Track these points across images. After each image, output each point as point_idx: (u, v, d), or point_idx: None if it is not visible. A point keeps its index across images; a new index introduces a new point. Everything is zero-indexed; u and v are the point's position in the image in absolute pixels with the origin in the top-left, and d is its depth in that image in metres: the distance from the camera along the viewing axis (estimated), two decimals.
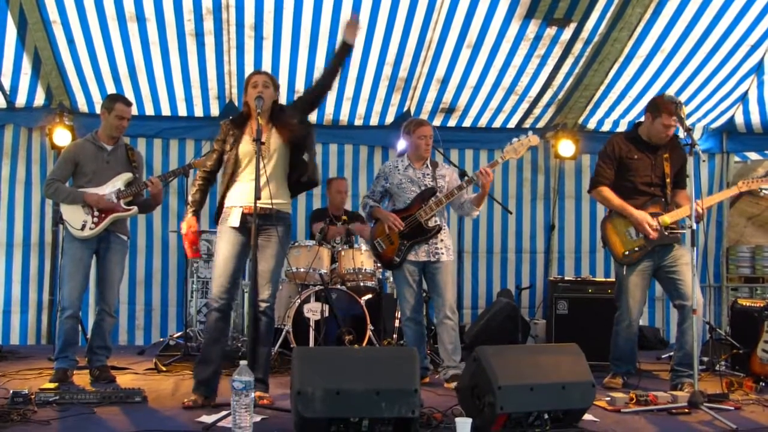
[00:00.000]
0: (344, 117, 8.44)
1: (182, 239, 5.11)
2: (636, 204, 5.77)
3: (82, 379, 5.79)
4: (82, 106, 7.93)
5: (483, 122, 8.67)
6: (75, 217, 5.75)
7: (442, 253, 5.94)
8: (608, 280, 6.97)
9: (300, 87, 7.80)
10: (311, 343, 6.53)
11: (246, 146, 4.95)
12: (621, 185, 5.88)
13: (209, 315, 4.96)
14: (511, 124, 8.72)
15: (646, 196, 5.80)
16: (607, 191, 5.90)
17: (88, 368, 5.91)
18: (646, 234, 5.68)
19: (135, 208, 5.97)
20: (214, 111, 8.15)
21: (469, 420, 3.94)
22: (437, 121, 8.43)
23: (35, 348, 7.72)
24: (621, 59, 7.57)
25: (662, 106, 5.64)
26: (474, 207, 6.07)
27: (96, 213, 5.77)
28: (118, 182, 5.89)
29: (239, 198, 4.97)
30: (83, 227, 5.74)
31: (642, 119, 5.92)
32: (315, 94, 5.27)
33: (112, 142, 5.95)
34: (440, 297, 5.90)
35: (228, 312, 5.01)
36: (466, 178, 5.99)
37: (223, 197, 5.02)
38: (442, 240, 5.97)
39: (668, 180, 5.82)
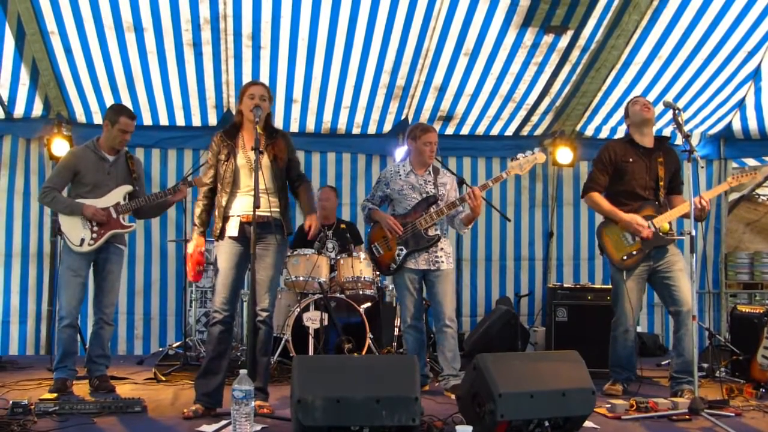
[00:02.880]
0: (342, 125, 8.45)
1: (186, 260, 5.06)
2: (632, 208, 5.80)
3: (81, 389, 5.78)
4: (80, 116, 7.93)
5: (481, 130, 8.68)
6: (74, 232, 5.71)
7: (442, 261, 5.93)
8: (607, 287, 6.95)
9: (297, 96, 7.82)
10: (311, 352, 6.53)
11: (243, 158, 4.96)
12: (617, 190, 5.91)
13: (212, 328, 4.93)
14: (509, 132, 8.73)
15: (641, 200, 5.82)
16: (597, 197, 5.93)
17: (87, 378, 5.89)
18: (638, 233, 5.70)
19: (134, 225, 5.96)
20: (212, 120, 8.15)
21: (470, 428, 3.93)
22: None
23: (34, 358, 7.70)
24: (618, 66, 7.59)
25: (628, 102, 5.97)
26: (463, 225, 6.07)
27: (95, 229, 5.73)
28: (118, 195, 5.84)
29: (238, 208, 4.98)
30: (82, 243, 5.71)
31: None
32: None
33: (114, 152, 5.90)
34: (440, 305, 5.89)
35: (231, 324, 4.99)
36: (458, 197, 5.97)
37: (225, 208, 4.99)
38: (442, 248, 5.96)
39: (662, 183, 5.85)
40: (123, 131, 5.84)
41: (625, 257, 5.78)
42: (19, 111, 7.84)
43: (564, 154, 8.53)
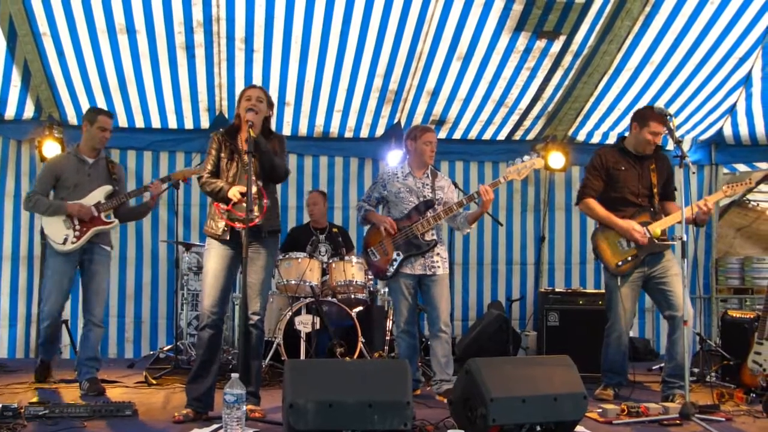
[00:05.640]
0: (334, 129, 8.44)
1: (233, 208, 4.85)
2: (625, 215, 5.81)
3: (72, 392, 5.77)
4: (72, 118, 7.88)
5: (473, 134, 8.69)
6: (56, 231, 5.83)
7: (438, 267, 5.94)
8: (598, 291, 6.98)
9: (290, 99, 7.82)
10: (302, 356, 6.52)
11: (242, 163, 4.96)
12: (609, 197, 5.92)
13: (202, 332, 4.90)
14: (501, 136, 8.74)
15: (635, 207, 5.84)
16: (593, 203, 5.94)
17: (77, 381, 5.91)
18: (635, 241, 5.71)
19: (116, 221, 6.06)
20: (204, 123, 8.14)
21: None
22: None
23: (24, 361, 7.66)
24: (610, 72, 7.61)
25: (649, 115, 5.75)
26: (467, 224, 6.07)
27: (77, 227, 5.84)
28: (99, 195, 5.96)
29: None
30: (65, 241, 5.81)
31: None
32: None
33: (94, 154, 6.04)
34: (435, 310, 5.90)
35: (220, 327, 4.98)
36: (467, 195, 5.97)
37: (219, 209, 4.97)
38: (438, 253, 5.97)
39: (655, 190, 5.86)
40: (102, 129, 5.98)
41: (620, 263, 5.79)
42: (10, 113, 7.80)
43: (556, 159, 8.53)
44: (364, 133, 8.54)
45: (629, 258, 5.77)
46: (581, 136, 8.73)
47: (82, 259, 5.95)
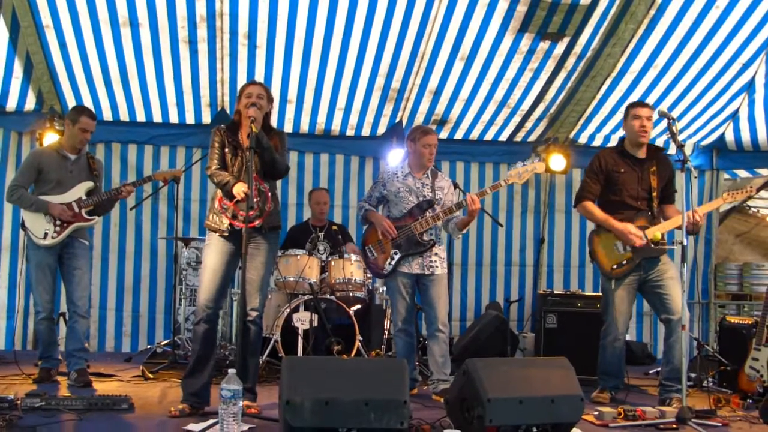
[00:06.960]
0: (336, 127, 8.43)
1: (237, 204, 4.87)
2: (623, 218, 5.79)
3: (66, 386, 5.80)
4: None
5: (475, 135, 8.68)
6: (37, 225, 5.93)
7: (437, 266, 5.93)
8: (597, 294, 6.96)
9: (292, 96, 7.81)
10: (300, 353, 6.51)
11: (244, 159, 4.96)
12: (608, 199, 5.91)
13: (197, 327, 4.91)
14: (503, 137, 8.74)
15: (633, 210, 5.82)
16: (590, 205, 5.94)
17: (66, 373, 5.98)
18: (630, 243, 5.70)
19: (96, 218, 6.17)
20: (206, 118, 8.13)
21: None
22: None
23: (21, 353, 7.61)
24: (613, 74, 7.60)
25: (632, 103, 5.88)
26: (458, 229, 6.06)
27: (58, 222, 5.93)
28: (80, 191, 6.06)
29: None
30: (45, 236, 5.91)
31: None
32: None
33: (76, 151, 6.11)
34: (433, 310, 5.90)
35: (216, 322, 5.00)
36: (457, 202, 5.96)
37: (221, 204, 4.96)
38: (436, 253, 5.96)
39: (655, 194, 5.84)
40: (83, 130, 6.04)
41: (615, 266, 5.79)
42: (11, 104, 7.79)
43: (557, 161, 8.53)
44: (366, 131, 8.54)
45: (624, 261, 5.76)
46: (583, 139, 8.72)
47: (62, 253, 6.04)
